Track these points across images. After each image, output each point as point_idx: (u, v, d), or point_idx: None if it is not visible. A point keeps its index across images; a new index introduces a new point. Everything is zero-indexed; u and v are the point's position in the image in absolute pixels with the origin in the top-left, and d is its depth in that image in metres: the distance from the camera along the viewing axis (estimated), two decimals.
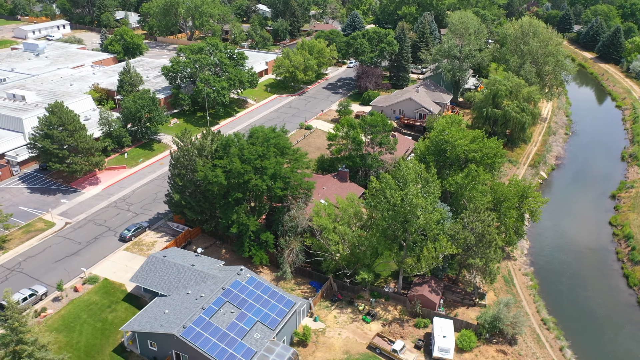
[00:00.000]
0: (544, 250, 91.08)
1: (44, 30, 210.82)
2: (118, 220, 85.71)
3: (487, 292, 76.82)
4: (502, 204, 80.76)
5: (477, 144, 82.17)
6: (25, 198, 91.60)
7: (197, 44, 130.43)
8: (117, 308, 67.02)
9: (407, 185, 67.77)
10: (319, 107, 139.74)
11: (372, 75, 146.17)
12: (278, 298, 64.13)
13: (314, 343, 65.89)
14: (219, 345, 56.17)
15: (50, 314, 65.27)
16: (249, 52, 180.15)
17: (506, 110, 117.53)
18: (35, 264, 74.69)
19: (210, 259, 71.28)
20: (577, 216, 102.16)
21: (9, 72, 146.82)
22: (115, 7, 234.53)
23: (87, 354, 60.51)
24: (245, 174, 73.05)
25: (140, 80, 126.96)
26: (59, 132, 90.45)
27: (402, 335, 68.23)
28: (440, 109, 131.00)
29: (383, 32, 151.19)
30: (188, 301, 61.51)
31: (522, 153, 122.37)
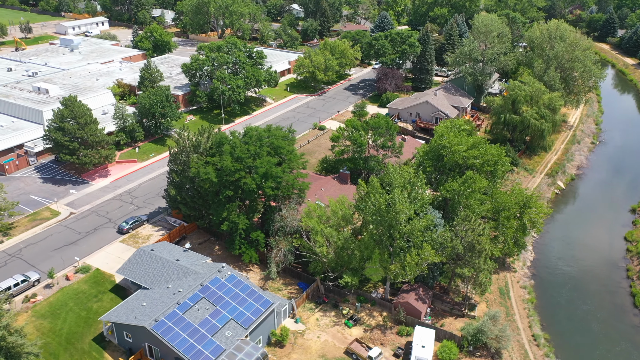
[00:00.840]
0: (548, 262, 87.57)
1: (84, 26, 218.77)
2: (120, 213, 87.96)
3: (479, 303, 74.54)
4: (500, 213, 78.30)
5: (478, 150, 79.74)
6: (37, 187, 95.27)
7: (216, 42, 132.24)
8: (103, 298, 68.77)
9: (393, 190, 66.56)
10: (336, 108, 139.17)
11: (393, 77, 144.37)
12: (256, 297, 64.23)
13: (291, 344, 65.66)
14: (188, 340, 56.77)
15: (39, 300, 67.63)
16: (273, 51, 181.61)
17: (524, 117, 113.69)
18: (35, 251, 77.58)
19: (197, 255, 72.17)
20: (591, 229, 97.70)
21: (42, 66, 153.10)
22: (153, 4, 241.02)
23: (68, 341, 62.35)
24: (237, 172, 73.61)
25: (160, 77, 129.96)
26: (70, 125, 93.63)
27: (383, 342, 67.07)
28: (458, 113, 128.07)
29: (406, 33, 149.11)
30: (166, 295, 62.46)
31: (541, 161, 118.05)
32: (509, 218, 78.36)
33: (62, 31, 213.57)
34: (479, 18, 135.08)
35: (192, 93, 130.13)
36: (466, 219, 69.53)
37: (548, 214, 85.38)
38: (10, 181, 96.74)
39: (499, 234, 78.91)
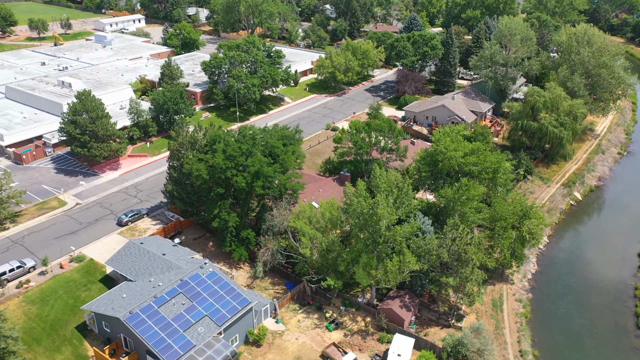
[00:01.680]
0: (551, 276, 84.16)
1: (121, 23, 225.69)
2: (122, 205, 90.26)
3: (468, 314, 72.44)
4: (496, 223, 75.89)
5: (476, 156, 77.45)
6: (50, 177, 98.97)
7: (235, 41, 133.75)
8: (92, 288, 70.74)
9: (377, 194, 65.52)
10: (354, 109, 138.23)
11: (412, 79, 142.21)
12: (234, 295, 64.53)
13: (268, 344, 65.67)
14: (160, 334, 57.62)
15: (32, 286, 70.22)
16: (298, 50, 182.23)
17: (542, 124, 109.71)
18: (37, 238, 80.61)
19: (185, 250, 73.21)
20: (603, 244, 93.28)
21: (74, 61, 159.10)
22: (189, 3, 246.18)
23: (52, 327, 64.45)
24: (228, 170, 74.21)
25: (180, 74, 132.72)
26: (82, 119, 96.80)
27: (362, 348, 66.13)
28: (476, 118, 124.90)
29: (428, 35, 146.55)
30: (146, 288, 63.62)
31: (559, 171, 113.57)
32: (505, 228, 75.86)
33: (100, 28, 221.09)
34: (503, 21, 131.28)
35: (210, 90, 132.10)
36: (454, 226, 67.66)
37: (548, 226, 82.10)
38: (26, 170, 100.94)
39: (495, 244, 76.50)
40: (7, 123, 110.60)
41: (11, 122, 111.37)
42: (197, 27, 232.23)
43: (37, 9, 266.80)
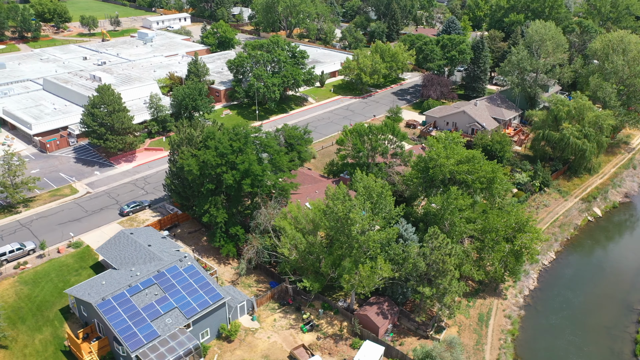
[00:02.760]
0: (551, 294, 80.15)
1: (167, 21, 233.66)
2: (128, 196, 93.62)
3: (450, 327, 70.27)
4: (486, 235, 73.25)
5: (469, 165, 74.93)
6: (69, 166, 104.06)
7: (260, 40, 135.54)
8: (82, 273, 73.87)
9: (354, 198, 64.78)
10: (376, 112, 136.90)
11: (438, 83, 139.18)
12: (208, 290, 65.60)
13: (239, 340, 66.34)
14: (127, 322, 59.46)
15: (28, 267, 74.19)
16: (330, 51, 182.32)
17: (563, 134, 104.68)
18: (43, 223, 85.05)
19: (172, 243, 75.09)
20: (616, 265, 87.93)
21: (114, 56, 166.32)
22: (234, 2, 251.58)
23: (38, 307, 67.85)
24: (218, 166, 75.53)
25: (206, 71, 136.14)
26: (99, 111, 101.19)
27: (332, 352, 65.60)
28: (498, 125, 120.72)
29: (457, 39, 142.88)
30: (125, 277, 65.73)
31: (581, 184, 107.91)
32: (496, 241, 73.03)
33: (147, 25, 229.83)
34: (533, 26, 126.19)
35: (233, 89, 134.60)
36: (433, 235, 65.88)
37: (545, 240, 78.24)
38: (48, 158, 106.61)
39: (484, 257, 73.80)
40: (38, 113, 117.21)
41: (42, 112, 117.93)
42: (240, 26, 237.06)
43: (94, 6, 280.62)
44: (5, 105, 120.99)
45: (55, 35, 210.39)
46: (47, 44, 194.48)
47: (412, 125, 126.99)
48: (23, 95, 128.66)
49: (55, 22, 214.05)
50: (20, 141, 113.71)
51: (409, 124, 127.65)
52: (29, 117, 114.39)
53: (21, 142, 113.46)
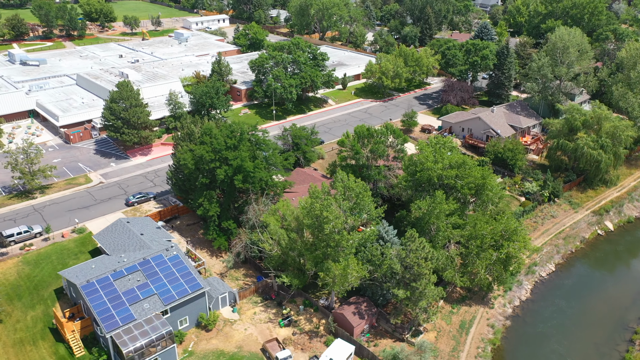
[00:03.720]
0: (543, 306, 78.17)
1: (206, 22, 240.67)
2: (137, 188, 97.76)
3: (428, 331, 69.91)
4: (471, 241, 72.38)
5: (458, 170, 74.18)
6: (88, 157, 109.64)
7: (281, 42, 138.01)
8: (81, 257, 77.98)
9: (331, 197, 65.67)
10: (393, 116, 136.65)
11: (459, 89, 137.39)
12: (189, 279, 68.03)
13: (217, 330, 68.44)
14: (107, 304, 62.62)
15: (32, 249, 79.07)
16: (357, 54, 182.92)
17: (577, 144, 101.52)
18: (54, 209, 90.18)
19: (165, 233, 78.10)
20: (618, 281, 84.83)
21: (148, 55, 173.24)
22: (271, 4, 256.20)
23: (36, 287, 72.28)
24: (212, 162, 78.07)
25: (228, 71, 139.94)
26: (117, 106, 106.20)
27: (304, 348, 66.66)
28: (514, 132, 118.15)
29: (481, 44, 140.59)
30: (112, 262, 69.14)
31: (595, 197, 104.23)
32: (483, 248, 71.98)
33: (187, 26, 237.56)
34: (557, 32, 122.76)
35: (252, 88, 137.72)
36: (410, 238, 65.82)
37: (535, 251, 76.35)
38: (70, 149, 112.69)
39: (468, 263, 72.87)
40: (66, 106, 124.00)
41: (70, 105, 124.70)
42: (276, 28, 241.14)
43: (142, 7, 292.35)
44: (39, 98, 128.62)
45: (100, 34, 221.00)
46: (90, 42, 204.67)
47: (427, 130, 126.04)
48: (57, 89, 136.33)
49: (101, 21, 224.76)
50: (48, 132, 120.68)
51: (424, 128, 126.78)
52: (57, 109, 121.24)
53: (49, 133, 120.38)
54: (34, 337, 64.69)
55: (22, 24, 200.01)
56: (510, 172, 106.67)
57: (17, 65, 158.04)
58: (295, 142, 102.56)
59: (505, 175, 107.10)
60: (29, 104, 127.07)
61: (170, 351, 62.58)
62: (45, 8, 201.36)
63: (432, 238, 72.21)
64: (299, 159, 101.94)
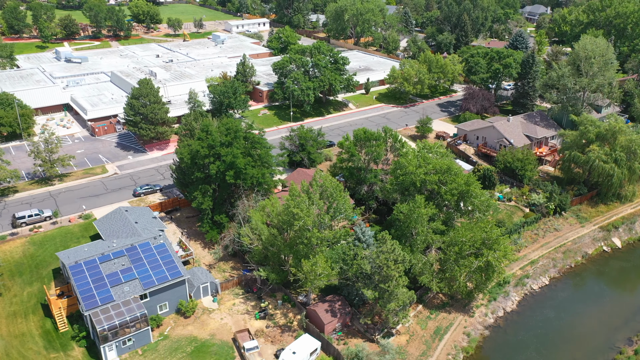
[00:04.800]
0: (529, 319, 76.57)
1: (246, 26, 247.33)
2: (147, 180, 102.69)
3: (400, 334, 70.16)
4: (450, 248, 72.09)
5: (441, 176, 73.98)
6: (109, 149, 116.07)
7: (303, 45, 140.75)
8: (82, 241, 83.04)
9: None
10: (411, 122, 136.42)
11: (479, 97, 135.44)
12: (170, 267, 71.37)
13: (195, 317, 71.40)
14: (89, 285, 66.83)
15: (40, 231, 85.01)
16: (386, 60, 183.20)
17: (589, 157, 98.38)
18: (68, 196, 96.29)
19: (159, 223, 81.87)
20: (616, 299, 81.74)
21: (183, 55, 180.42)
22: (312, 9, 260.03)
23: (36, 265, 77.79)
24: (206, 157, 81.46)
25: (252, 72, 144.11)
26: (136, 102, 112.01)
27: (274, 341, 68.48)
28: (529, 143, 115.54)
29: (505, 52, 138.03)
30: (103, 247, 73.53)
31: (606, 212, 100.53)
32: (462, 255, 71.46)
33: (227, 28, 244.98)
34: (582, 41, 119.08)
35: (273, 90, 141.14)
36: (381, 240, 66.47)
37: (514, 260, 74.80)
38: (94, 141, 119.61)
39: (447, 270, 72.48)
40: (96, 101, 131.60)
41: (100, 100, 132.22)
42: (314, 33, 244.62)
43: (190, 10, 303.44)
44: (73, 93, 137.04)
45: (145, 35, 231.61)
46: (134, 42, 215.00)
47: (442, 137, 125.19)
48: (92, 85, 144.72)
49: (147, 23, 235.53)
50: (78, 125, 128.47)
51: (438, 135, 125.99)
52: (87, 104, 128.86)
53: (78, 125, 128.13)
54: (26, 311, 69.82)
55: (74, 24, 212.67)
56: (519, 183, 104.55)
57: (61, 62, 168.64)
58: (301, 143, 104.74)
59: (513, 185, 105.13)
60: (64, 98, 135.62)
61: (144, 333, 66.06)
62: (95, 9, 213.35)
63: (411, 242, 72.43)
64: (303, 159, 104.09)
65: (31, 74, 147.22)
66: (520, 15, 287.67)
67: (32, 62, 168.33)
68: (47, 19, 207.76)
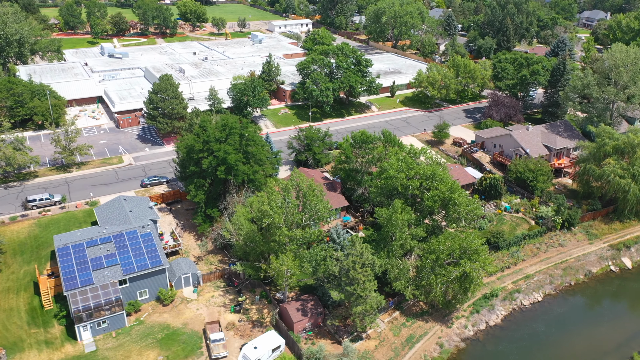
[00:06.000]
0: (513, 336, 73.62)
1: (289, 26, 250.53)
2: (157, 172, 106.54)
3: (370, 338, 69.49)
4: (427, 255, 70.65)
5: (425, 181, 72.50)
6: (129, 141, 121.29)
7: (324, 47, 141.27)
8: (83, 226, 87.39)
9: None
10: (430, 127, 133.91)
11: (504, 104, 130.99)
12: (152, 256, 73.96)
13: (173, 306, 73.67)
14: (73, 267, 70.43)
15: (48, 214, 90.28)
16: (417, 63, 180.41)
17: (604, 171, 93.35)
18: (81, 183, 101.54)
19: (154, 213, 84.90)
20: (614, 323, 77.07)
21: (219, 53, 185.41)
22: (355, 11, 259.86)
23: (37, 246, 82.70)
24: (200, 152, 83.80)
25: (277, 72, 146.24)
26: (155, 96, 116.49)
27: (243, 335, 69.58)
28: (548, 153, 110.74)
29: (534, 58, 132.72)
30: (94, 232, 77.25)
31: (620, 230, 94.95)
32: (439, 264, 69.83)
33: (270, 28, 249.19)
34: (612, 49, 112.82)
35: (295, 90, 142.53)
36: (351, 242, 66.12)
37: (491, 272, 71.95)
38: (118, 133, 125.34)
39: (424, 277, 71.00)
40: (126, 95, 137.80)
41: (129, 94, 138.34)
42: (355, 34, 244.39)
43: (239, 9, 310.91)
44: (107, 86, 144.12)
45: (190, 33, 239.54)
46: (179, 40, 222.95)
47: (458, 143, 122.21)
48: (126, 79, 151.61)
49: (193, 22, 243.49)
50: (106, 117, 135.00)
51: (455, 141, 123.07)
52: (117, 97, 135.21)
53: (107, 117, 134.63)
54: (19, 288, 74.49)
55: (123, 22, 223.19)
56: (530, 194, 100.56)
57: (104, 57, 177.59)
58: (307, 143, 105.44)
59: (524, 196, 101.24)
60: (97, 91, 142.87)
61: (119, 317, 68.89)
62: (143, 8, 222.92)
63: (389, 247, 71.54)
64: (307, 159, 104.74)
65: (72, 67, 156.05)
66: (574, 20, 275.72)
67: (79, 57, 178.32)
68: (100, 16, 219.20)
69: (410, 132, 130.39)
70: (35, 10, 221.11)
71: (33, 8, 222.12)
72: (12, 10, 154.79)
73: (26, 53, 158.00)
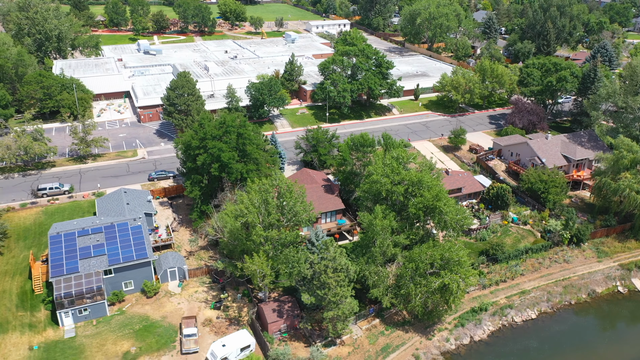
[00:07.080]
0: (500, 353, 70.42)
1: (327, 27, 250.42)
2: (167, 167, 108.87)
3: (344, 344, 68.31)
4: (407, 264, 68.72)
5: (412, 187, 70.43)
6: (147, 135, 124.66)
7: (346, 48, 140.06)
8: (86, 215, 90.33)
9: None
10: (447, 132, 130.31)
11: (528, 111, 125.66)
12: (139, 248, 75.54)
13: (156, 299, 75.03)
14: (61, 255, 72.94)
15: (56, 203, 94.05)
16: (447, 66, 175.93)
17: (619, 185, 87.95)
18: (93, 174, 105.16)
19: (150, 207, 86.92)
20: (610, 345, 72.35)
21: (250, 52, 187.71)
22: (395, 12, 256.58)
23: (40, 233, 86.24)
24: (197, 148, 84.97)
25: (299, 72, 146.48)
26: (172, 93, 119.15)
27: (218, 332, 69.94)
28: (567, 164, 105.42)
29: (563, 64, 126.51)
30: (88, 222, 79.75)
31: (634, 248, 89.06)
32: (417, 272, 67.73)
33: (308, 28, 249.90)
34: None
35: (314, 90, 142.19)
36: (324, 246, 65.16)
37: (471, 285, 68.63)
38: (138, 127, 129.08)
39: (403, 286, 69.02)
40: (150, 90, 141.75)
41: (154, 90, 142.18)
42: (392, 36, 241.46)
43: (282, 9, 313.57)
44: (135, 82, 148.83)
45: (228, 32, 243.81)
46: (216, 38, 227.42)
47: (475, 149, 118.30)
48: (154, 76, 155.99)
49: (231, 21, 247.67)
50: (130, 111, 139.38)
51: (472, 148, 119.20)
52: (141, 92, 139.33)
53: (130, 111, 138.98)
54: (15, 271, 77.98)
55: (164, 19, 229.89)
56: (541, 206, 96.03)
57: (140, 53, 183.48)
58: (313, 144, 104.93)
59: (535, 208, 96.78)
60: (125, 86, 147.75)
61: (100, 306, 70.79)
62: (183, 6, 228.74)
63: (369, 253, 70.05)
64: (313, 160, 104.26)
65: (105, 62, 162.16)
66: (629, 25, 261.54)
67: (117, 52, 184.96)
68: (143, 14, 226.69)
69: (428, 136, 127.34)
70: (84, 8, 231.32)
71: (82, 5, 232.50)
72: (54, 7, 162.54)
73: (65, 48, 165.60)
